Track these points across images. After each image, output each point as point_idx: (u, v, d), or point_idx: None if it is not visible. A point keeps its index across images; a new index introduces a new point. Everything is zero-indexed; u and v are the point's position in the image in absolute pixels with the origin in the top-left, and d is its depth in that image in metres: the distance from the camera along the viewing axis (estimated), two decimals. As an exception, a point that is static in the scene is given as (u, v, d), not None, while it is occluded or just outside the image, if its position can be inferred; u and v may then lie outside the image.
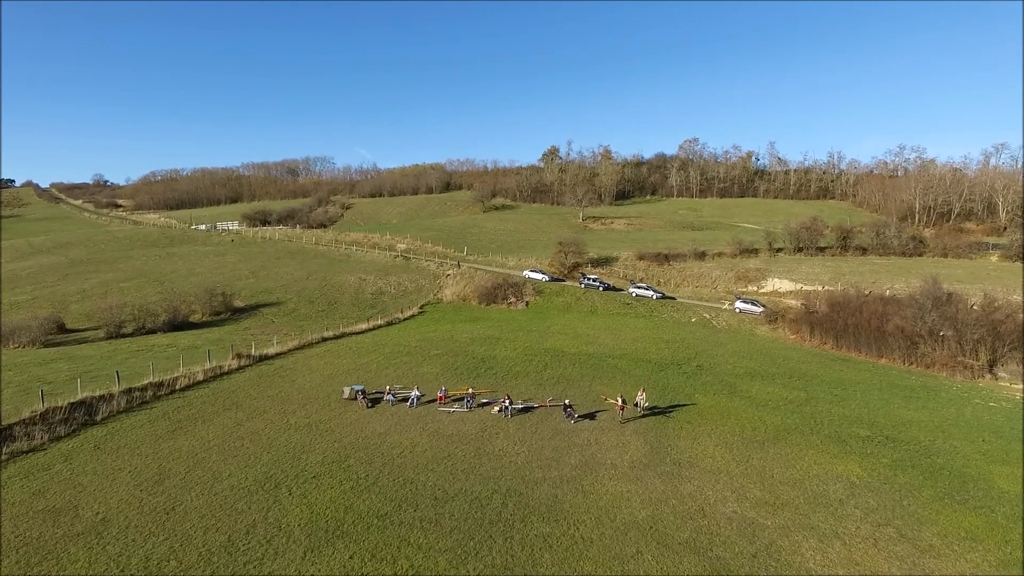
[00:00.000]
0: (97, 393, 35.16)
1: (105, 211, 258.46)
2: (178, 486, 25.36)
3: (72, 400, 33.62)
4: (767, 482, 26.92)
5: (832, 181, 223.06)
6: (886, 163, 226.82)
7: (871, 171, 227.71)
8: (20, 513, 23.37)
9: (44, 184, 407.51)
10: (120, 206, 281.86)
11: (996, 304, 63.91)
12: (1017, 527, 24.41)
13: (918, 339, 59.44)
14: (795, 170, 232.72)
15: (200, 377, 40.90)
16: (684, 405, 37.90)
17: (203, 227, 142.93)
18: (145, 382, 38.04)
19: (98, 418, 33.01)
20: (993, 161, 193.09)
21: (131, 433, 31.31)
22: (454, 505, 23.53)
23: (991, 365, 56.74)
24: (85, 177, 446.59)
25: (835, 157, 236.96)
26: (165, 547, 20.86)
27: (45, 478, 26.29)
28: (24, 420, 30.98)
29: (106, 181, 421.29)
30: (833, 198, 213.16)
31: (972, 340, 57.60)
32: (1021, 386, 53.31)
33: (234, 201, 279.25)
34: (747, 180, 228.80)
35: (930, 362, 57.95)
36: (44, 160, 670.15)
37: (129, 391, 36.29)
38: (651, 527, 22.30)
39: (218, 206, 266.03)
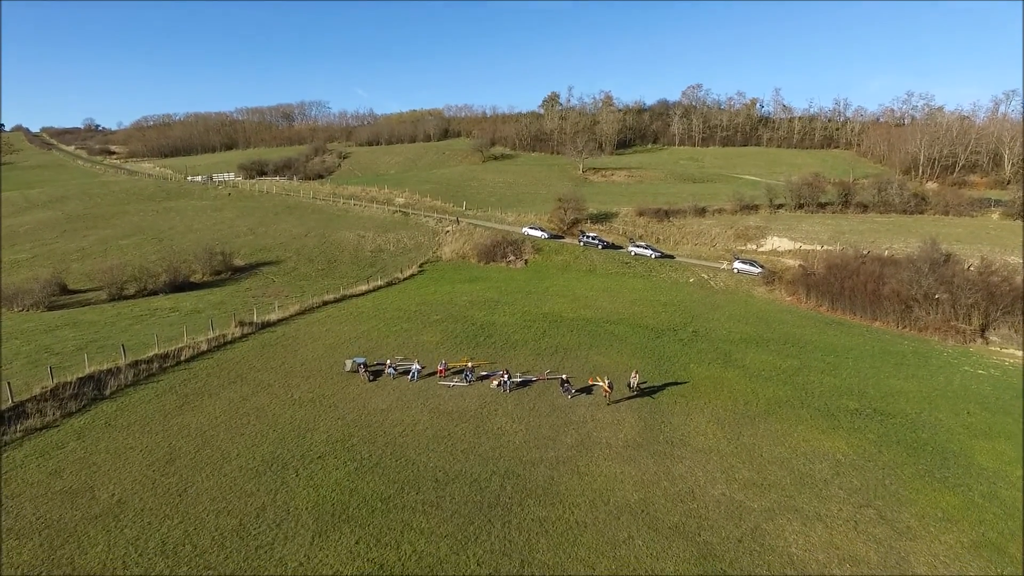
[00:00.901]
0: (105, 367, 35.95)
1: (99, 158, 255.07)
2: (188, 466, 26.35)
3: (81, 375, 34.46)
4: (756, 461, 27.96)
5: (837, 129, 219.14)
6: (893, 111, 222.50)
7: (877, 119, 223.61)
8: (39, 494, 24.39)
9: (34, 128, 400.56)
10: (114, 153, 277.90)
11: (993, 268, 64.23)
12: (991, 507, 25.55)
13: (913, 303, 60.00)
14: (799, 118, 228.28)
15: (204, 347, 41.57)
16: (678, 384, 38.69)
17: (199, 179, 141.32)
18: (151, 354, 38.77)
19: (107, 392, 33.86)
20: (1003, 109, 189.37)
21: (140, 408, 32.20)
22: (454, 488, 24.56)
23: (983, 329, 57.51)
24: (76, 121, 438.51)
25: (841, 104, 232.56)
26: (179, 531, 21.92)
27: (60, 456, 27.27)
28: (35, 396, 31.85)
29: (97, 126, 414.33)
30: (837, 147, 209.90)
31: (966, 305, 58.14)
32: (1013, 350, 54.25)
33: (229, 148, 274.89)
34: (750, 128, 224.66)
35: (923, 326, 58.69)
36: (32, 103, 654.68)
37: (136, 364, 37.05)
38: (643, 510, 23.37)
39: (213, 153, 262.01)
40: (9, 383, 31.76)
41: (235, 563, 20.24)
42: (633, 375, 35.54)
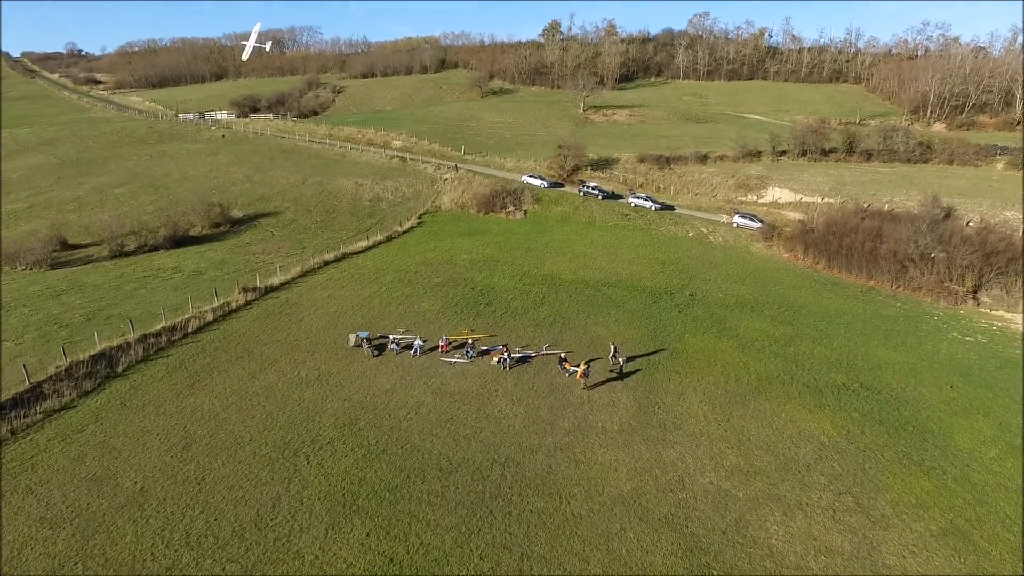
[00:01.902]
0: (115, 342, 36.90)
1: (85, 89, 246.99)
2: (204, 452, 27.73)
3: (93, 352, 35.48)
4: (744, 445, 29.41)
5: (847, 62, 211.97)
6: (907, 42, 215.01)
7: (890, 51, 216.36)
8: (66, 481, 25.85)
9: (14, 53, 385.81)
10: (100, 82, 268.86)
11: (991, 227, 64.52)
12: (963, 491, 27.20)
13: (908, 263, 60.57)
14: (809, 49, 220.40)
15: (210, 317, 42.37)
16: (673, 356, 39.80)
17: (190, 117, 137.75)
18: (159, 327, 39.62)
19: (119, 370, 34.94)
20: (1021, 40, 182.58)
21: (153, 387, 33.36)
22: (458, 477, 26.02)
23: (975, 291, 58.41)
24: (57, 46, 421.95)
25: (852, 34, 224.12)
26: (201, 521, 23.44)
27: (81, 440, 28.62)
28: (51, 376, 32.94)
29: (80, 51, 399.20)
30: (846, 82, 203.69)
31: (961, 266, 58.75)
32: (1002, 312, 55.33)
33: (219, 78, 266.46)
34: (758, 60, 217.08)
35: (917, 286, 59.46)
36: (8, 25, 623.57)
37: (145, 338, 37.97)
38: (635, 501, 24.91)
39: (203, 84, 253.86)
40: (25, 366, 32.76)
41: (255, 555, 21.84)
42: (611, 349, 36.82)
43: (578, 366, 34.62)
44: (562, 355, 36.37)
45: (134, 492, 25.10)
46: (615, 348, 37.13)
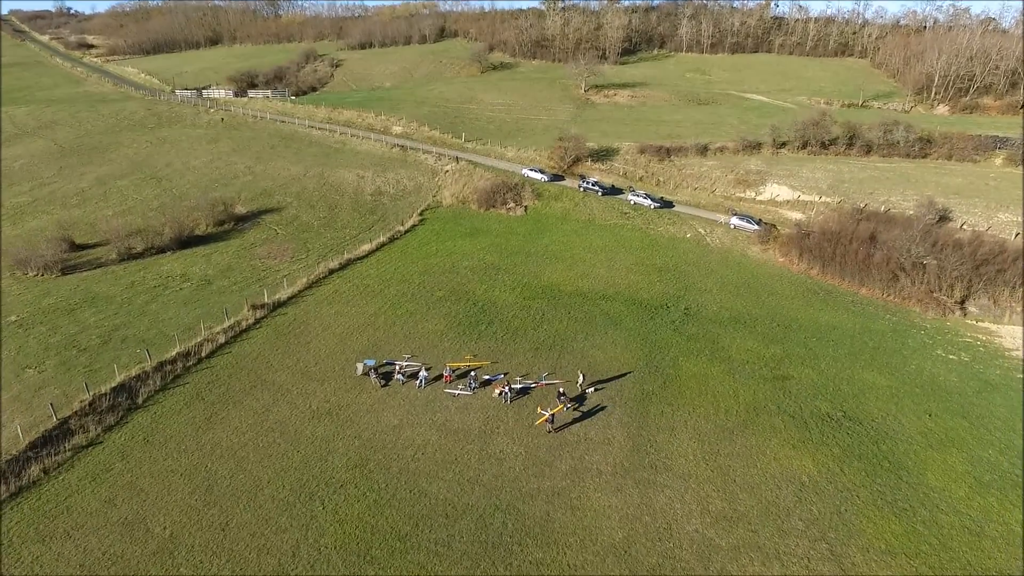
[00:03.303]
0: (133, 372, 38.79)
1: (77, 55, 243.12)
2: (227, 495, 29.78)
3: (113, 384, 37.36)
4: (729, 488, 31.50)
5: (854, 34, 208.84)
6: (915, 13, 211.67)
7: (898, 22, 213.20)
8: (100, 525, 27.98)
9: (1, 11, 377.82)
10: (91, 47, 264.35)
11: (982, 236, 65.76)
12: (929, 535, 29.39)
13: (900, 272, 62.01)
14: (815, 20, 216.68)
15: (222, 339, 44.06)
16: (667, 384, 41.66)
17: (188, 95, 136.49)
18: (174, 352, 41.42)
19: (140, 401, 36.86)
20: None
21: (172, 420, 35.29)
22: (462, 524, 28.14)
23: (963, 301, 60.00)
24: (44, 3, 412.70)
25: (860, 5, 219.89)
26: (228, 571, 25.64)
27: (110, 480, 30.67)
28: (76, 412, 34.84)
29: (69, 9, 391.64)
30: (852, 55, 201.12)
31: (951, 276, 60.20)
32: (988, 324, 57.07)
33: (214, 43, 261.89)
34: (763, 32, 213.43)
35: (907, 295, 60.99)
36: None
37: (161, 366, 39.83)
38: (626, 551, 27.09)
39: (198, 50, 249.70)
40: (52, 403, 34.58)
41: (280, 607, 24.04)
42: (580, 378, 39.62)
43: (560, 397, 36.74)
44: (561, 390, 38.17)
45: (164, 539, 27.21)
46: (584, 377, 39.58)
